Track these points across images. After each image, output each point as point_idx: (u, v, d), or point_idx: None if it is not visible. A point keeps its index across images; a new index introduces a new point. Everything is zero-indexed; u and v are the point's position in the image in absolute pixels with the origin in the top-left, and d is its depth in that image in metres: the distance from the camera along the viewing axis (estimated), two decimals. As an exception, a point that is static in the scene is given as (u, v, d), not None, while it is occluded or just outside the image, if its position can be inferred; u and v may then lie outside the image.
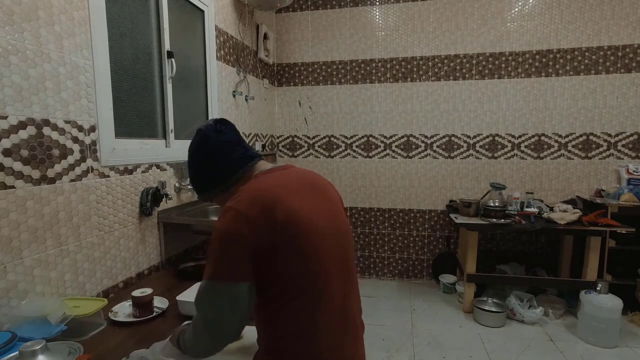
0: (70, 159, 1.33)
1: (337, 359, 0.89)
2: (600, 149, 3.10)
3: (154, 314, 1.27)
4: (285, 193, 0.86)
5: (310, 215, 0.86)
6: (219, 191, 0.99)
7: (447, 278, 3.25)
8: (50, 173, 1.26)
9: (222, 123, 1.01)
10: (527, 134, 3.21)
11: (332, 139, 3.57)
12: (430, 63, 3.30)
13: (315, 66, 3.51)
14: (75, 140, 1.35)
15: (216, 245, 0.82)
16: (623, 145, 3.06)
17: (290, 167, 1.00)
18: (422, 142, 3.40)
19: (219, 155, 0.96)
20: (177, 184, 1.99)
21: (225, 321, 0.82)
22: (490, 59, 3.20)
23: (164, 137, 1.97)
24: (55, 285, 1.28)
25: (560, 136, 3.16)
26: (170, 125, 1.98)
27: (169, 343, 1.01)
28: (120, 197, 1.58)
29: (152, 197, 1.71)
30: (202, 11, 2.29)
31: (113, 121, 1.53)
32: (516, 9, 3.11)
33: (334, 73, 3.49)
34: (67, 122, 1.31)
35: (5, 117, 1.10)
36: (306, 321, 0.85)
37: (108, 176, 1.51)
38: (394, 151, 3.46)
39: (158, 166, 1.84)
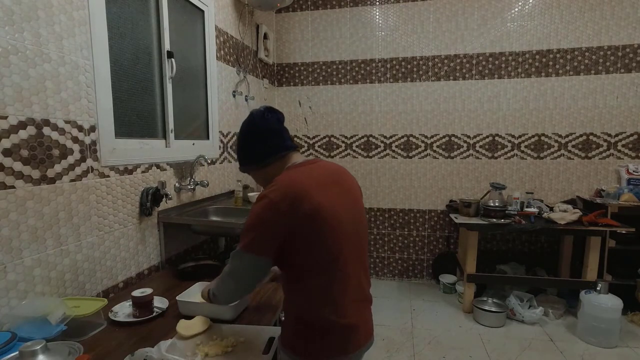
0: (70, 159, 1.33)
1: (351, 324, 1.02)
2: (600, 149, 3.10)
3: (154, 314, 1.27)
4: (314, 187, 0.98)
5: (333, 207, 0.99)
6: (256, 167, 1.12)
7: (447, 278, 3.25)
8: (50, 173, 1.26)
9: (270, 111, 1.12)
10: (527, 134, 3.21)
11: (332, 139, 3.57)
12: (430, 63, 3.30)
13: (315, 66, 3.51)
14: (75, 140, 1.35)
15: (250, 223, 0.98)
16: (623, 145, 3.06)
17: (319, 162, 1.11)
18: (422, 142, 3.40)
19: (259, 138, 1.09)
20: (177, 184, 1.99)
21: (245, 278, 1.02)
22: (490, 59, 3.20)
23: (164, 137, 1.97)
24: (55, 285, 1.28)
25: (560, 136, 3.16)
26: (170, 125, 1.98)
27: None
28: (120, 197, 1.58)
29: (152, 197, 1.71)
30: (202, 11, 2.29)
31: (113, 121, 1.53)
32: (516, 9, 3.11)
33: (334, 73, 3.48)
34: (67, 122, 1.31)
35: (5, 117, 1.10)
36: (327, 294, 1.00)
37: (108, 176, 1.51)
38: (394, 151, 3.45)
39: (158, 166, 1.84)
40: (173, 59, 1.94)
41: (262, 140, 1.09)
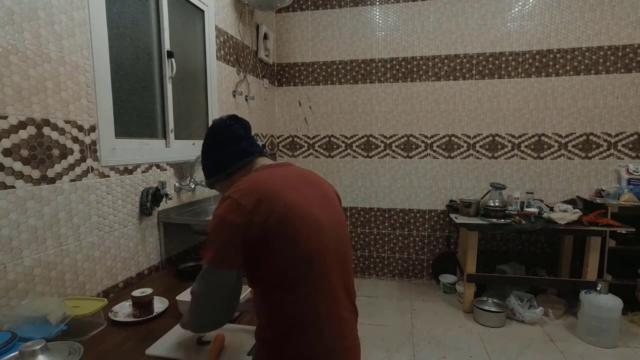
0: (70, 159, 1.33)
1: (341, 348, 0.90)
2: (600, 149, 3.10)
3: (154, 314, 1.27)
4: (283, 187, 0.90)
5: (306, 208, 0.89)
6: (220, 179, 1.06)
7: (447, 278, 3.25)
8: (50, 173, 1.26)
9: (233, 119, 1.08)
10: (527, 134, 3.21)
11: (332, 139, 3.57)
12: (430, 63, 3.30)
13: (315, 66, 3.51)
14: (75, 140, 1.35)
15: (211, 231, 0.87)
16: (623, 145, 3.06)
17: (290, 165, 1.05)
18: (422, 142, 3.40)
19: (222, 146, 1.04)
20: (177, 184, 1.99)
21: (211, 300, 0.88)
22: (490, 59, 3.20)
23: (164, 137, 1.97)
24: (55, 285, 1.28)
25: (560, 136, 3.16)
26: (170, 125, 1.98)
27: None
28: (120, 197, 1.58)
29: (152, 197, 1.71)
30: (202, 11, 2.28)
31: (113, 121, 1.53)
32: (516, 9, 3.11)
33: (334, 73, 3.48)
34: (67, 122, 1.31)
35: (5, 117, 1.10)
36: (308, 310, 0.86)
37: (108, 176, 1.51)
38: (394, 151, 3.45)
39: (158, 166, 1.84)
40: (173, 59, 1.94)
41: (225, 148, 1.03)
